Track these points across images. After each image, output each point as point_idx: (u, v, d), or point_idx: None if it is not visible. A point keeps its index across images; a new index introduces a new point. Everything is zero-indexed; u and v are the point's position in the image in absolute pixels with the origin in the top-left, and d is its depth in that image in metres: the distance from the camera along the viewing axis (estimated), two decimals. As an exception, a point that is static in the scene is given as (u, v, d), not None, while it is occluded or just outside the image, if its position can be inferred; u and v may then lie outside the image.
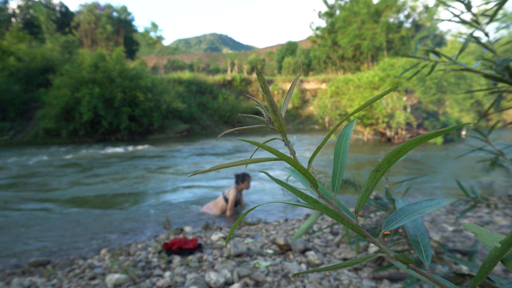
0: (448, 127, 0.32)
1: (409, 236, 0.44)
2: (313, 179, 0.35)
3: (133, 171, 8.99)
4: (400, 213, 0.43)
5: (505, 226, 3.46)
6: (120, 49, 21.78)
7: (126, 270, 2.51)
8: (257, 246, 3.01)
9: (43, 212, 5.26)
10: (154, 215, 4.90)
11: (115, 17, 40.11)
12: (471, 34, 1.25)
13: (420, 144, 0.34)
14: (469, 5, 1.21)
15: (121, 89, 20.03)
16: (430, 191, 6.08)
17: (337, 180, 0.40)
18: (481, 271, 0.36)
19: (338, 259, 2.75)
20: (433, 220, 3.79)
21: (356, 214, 0.39)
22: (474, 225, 0.41)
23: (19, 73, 21.99)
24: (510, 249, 0.34)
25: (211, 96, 29.28)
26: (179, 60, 54.99)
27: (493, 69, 1.22)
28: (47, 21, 35.82)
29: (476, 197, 1.69)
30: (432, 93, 12.94)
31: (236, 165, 0.33)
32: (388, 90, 0.38)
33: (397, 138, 14.38)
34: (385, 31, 31.11)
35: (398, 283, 2.25)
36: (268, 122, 0.37)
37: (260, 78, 0.33)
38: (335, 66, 37.08)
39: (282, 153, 0.31)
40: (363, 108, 0.39)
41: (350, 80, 15.77)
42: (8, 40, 24.54)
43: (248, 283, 2.28)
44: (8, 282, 2.67)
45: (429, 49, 1.37)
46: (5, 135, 18.74)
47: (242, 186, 4.80)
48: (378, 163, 0.35)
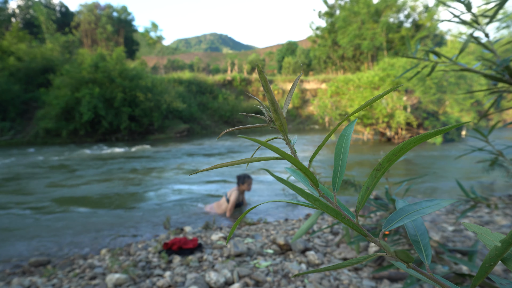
0: (448, 126, 0.32)
1: (409, 236, 0.44)
2: (314, 178, 0.35)
3: (133, 171, 9.00)
4: (400, 213, 0.43)
5: (505, 226, 3.46)
6: (120, 49, 21.78)
7: (126, 270, 2.51)
8: (257, 246, 3.01)
9: (43, 212, 5.27)
10: (154, 215, 4.90)
11: (115, 17, 40.13)
12: (471, 34, 1.25)
13: (421, 143, 0.34)
14: (469, 6, 1.21)
15: (121, 89, 20.03)
16: (431, 191, 6.08)
17: (337, 179, 0.40)
18: (481, 270, 0.36)
19: (338, 259, 2.75)
20: (433, 220, 3.79)
21: (357, 213, 0.39)
22: (474, 225, 0.41)
23: (19, 73, 22.00)
24: (510, 248, 0.34)
25: (211, 96, 29.28)
26: (179, 60, 55.00)
27: (493, 69, 1.22)
28: (47, 21, 35.82)
29: (476, 197, 1.69)
30: (432, 93, 12.94)
31: (237, 164, 0.33)
32: (388, 91, 0.38)
33: (397, 138, 14.37)
34: (385, 31, 31.12)
35: (398, 283, 2.25)
36: (269, 121, 0.37)
37: (261, 77, 0.33)
38: (335, 66, 37.09)
39: (283, 152, 0.31)
40: (362, 108, 0.39)
41: (350, 80, 15.77)
42: (8, 40, 24.55)
43: (248, 283, 2.28)
44: (8, 282, 2.67)
45: (429, 49, 1.37)
46: (5, 135, 18.74)
47: (243, 187, 4.82)
48: (378, 162, 0.35)
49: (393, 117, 13.54)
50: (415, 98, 13.80)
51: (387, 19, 31.27)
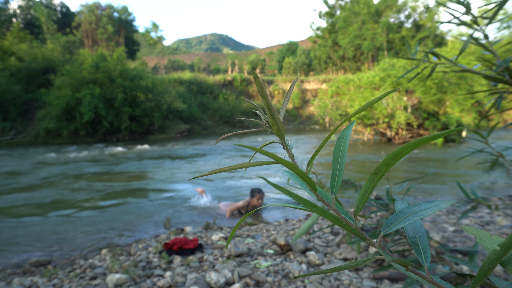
0: (445, 131, 0.32)
1: (408, 238, 0.44)
2: (311, 182, 0.35)
3: (133, 171, 9.00)
4: (399, 215, 0.43)
5: (506, 226, 3.46)
6: (121, 49, 21.80)
7: (127, 270, 2.51)
8: (257, 246, 3.01)
9: (43, 212, 5.27)
10: (155, 215, 4.90)
11: (116, 18, 40.19)
12: (470, 35, 1.25)
13: (418, 147, 0.34)
14: (468, 7, 1.21)
15: (121, 89, 20.05)
16: (432, 191, 6.07)
17: (336, 182, 0.40)
18: (480, 273, 0.36)
19: (339, 259, 2.75)
20: (433, 220, 3.79)
21: (355, 217, 0.39)
22: (473, 228, 0.41)
23: (20, 73, 22.04)
24: (509, 252, 0.34)
25: (212, 96, 29.29)
26: (180, 60, 55.02)
27: (493, 70, 1.22)
28: (48, 21, 35.88)
29: (477, 199, 1.69)
30: (432, 93, 12.92)
31: (235, 169, 0.33)
32: (387, 92, 0.38)
33: (397, 138, 14.36)
34: (385, 31, 31.11)
35: (399, 283, 2.24)
36: (266, 126, 0.37)
37: (257, 83, 0.33)
38: (336, 66, 37.09)
39: (279, 157, 0.31)
40: (361, 111, 0.39)
41: (351, 80, 15.76)
42: (9, 40, 24.59)
43: (249, 283, 2.28)
44: (9, 282, 2.67)
45: (428, 51, 1.37)
46: (6, 135, 18.78)
47: (253, 200, 4.75)
48: (376, 166, 0.35)
49: (394, 118, 13.52)
50: (416, 99, 13.79)
51: (388, 19, 31.27)
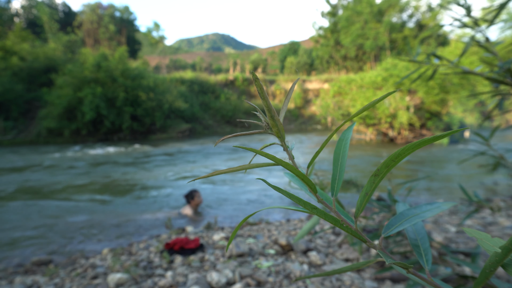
0: (447, 132, 0.32)
1: (409, 240, 0.44)
2: (312, 184, 0.35)
3: (134, 171, 9.02)
4: (400, 217, 0.42)
5: (509, 227, 3.45)
6: (122, 49, 21.81)
7: (128, 270, 2.52)
8: (259, 246, 3.01)
9: (44, 212, 5.29)
10: (156, 215, 4.91)
11: (117, 17, 40.25)
12: (472, 37, 1.24)
13: (419, 148, 0.34)
14: (469, 10, 1.21)
15: (123, 89, 20.06)
16: (434, 191, 6.06)
17: (336, 184, 0.40)
18: (481, 275, 0.36)
19: (340, 259, 2.74)
20: (436, 220, 3.78)
21: (356, 219, 0.39)
22: (474, 230, 0.40)
23: (22, 72, 22.08)
24: (510, 254, 0.34)
25: (213, 96, 29.29)
26: (181, 60, 55.07)
27: (495, 71, 1.22)
28: (50, 20, 35.96)
29: (479, 201, 1.68)
30: (435, 93, 12.88)
31: (236, 171, 0.33)
32: (390, 93, 0.38)
33: (400, 138, 14.33)
34: (388, 30, 31.03)
35: (401, 284, 2.24)
36: (266, 127, 0.37)
37: (257, 84, 0.33)
38: (338, 66, 37.03)
39: (280, 159, 0.31)
40: (364, 110, 0.39)
41: (353, 80, 15.73)
42: (11, 40, 24.64)
43: (250, 283, 2.28)
44: (11, 281, 2.68)
45: (430, 53, 1.36)
46: (8, 134, 18.83)
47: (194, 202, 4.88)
48: (377, 168, 0.35)
49: (396, 118, 13.50)
50: (418, 98, 13.75)
51: (390, 18, 31.19)
